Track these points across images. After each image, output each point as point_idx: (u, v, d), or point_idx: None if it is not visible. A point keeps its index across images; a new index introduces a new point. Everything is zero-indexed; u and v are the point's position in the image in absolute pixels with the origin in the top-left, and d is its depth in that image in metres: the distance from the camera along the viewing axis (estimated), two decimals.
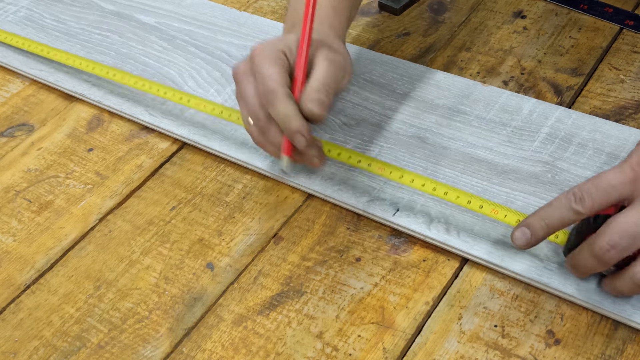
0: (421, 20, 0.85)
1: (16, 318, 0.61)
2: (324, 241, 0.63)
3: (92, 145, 0.74)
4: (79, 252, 0.65)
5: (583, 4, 0.83)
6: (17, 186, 0.71)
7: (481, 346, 0.55)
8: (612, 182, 0.51)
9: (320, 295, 0.60)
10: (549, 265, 0.59)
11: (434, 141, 0.69)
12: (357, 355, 0.56)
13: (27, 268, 0.64)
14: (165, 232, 0.65)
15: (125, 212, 0.67)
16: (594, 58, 0.77)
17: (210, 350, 0.57)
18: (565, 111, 0.70)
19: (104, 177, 0.71)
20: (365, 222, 0.64)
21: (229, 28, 0.84)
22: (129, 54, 0.82)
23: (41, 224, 0.67)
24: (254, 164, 0.69)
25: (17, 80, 0.82)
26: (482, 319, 0.57)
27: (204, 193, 0.68)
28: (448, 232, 0.62)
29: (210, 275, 0.62)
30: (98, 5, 0.89)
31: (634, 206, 0.50)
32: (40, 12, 0.89)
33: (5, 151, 0.74)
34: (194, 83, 0.78)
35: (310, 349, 0.56)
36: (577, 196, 0.52)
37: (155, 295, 0.61)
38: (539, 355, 0.54)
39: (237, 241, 0.64)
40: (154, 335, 0.58)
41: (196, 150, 0.72)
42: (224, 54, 0.81)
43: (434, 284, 0.59)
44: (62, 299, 0.61)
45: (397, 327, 0.57)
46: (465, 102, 0.73)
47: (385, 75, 0.76)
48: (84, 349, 0.58)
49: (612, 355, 0.54)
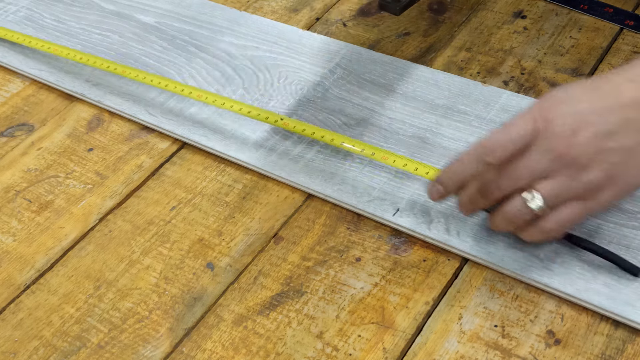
0: (421, 20, 0.85)
1: (16, 318, 0.61)
2: (324, 241, 0.63)
3: (92, 145, 0.74)
4: (79, 252, 0.65)
5: (583, 4, 0.83)
6: (17, 186, 0.71)
7: (481, 346, 0.55)
8: (520, 132, 0.53)
9: (321, 295, 0.60)
10: (549, 265, 0.59)
11: (434, 141, 0.69)
12: (357, 355, 0.56)
13: (27, 268, 0.64)
14: (165, 232, 0.65)
15: (125, 212, 0.67)
16: (594, 58, 0.77)
17: (210, 350, 0.57)
18: None
19: (104, 177, 0.71)
20: (365, 222, 0.64)
21: (229, 28, 0.84)
22: (129, 54, 0.82)
23: (41, 224, 0.67)
24: (254, 164, 0.69)
25: (17, 80, 0.82)
26: (482, 319, 0.57)
27: (204, 193, 0.68)
28: (448, 232, 0.62)
29: (211, 275, 0.62)
30: (98, 5, 0.89)
31: (530, 150, 0.53)
32: (40, 12, 0.89)
33: (5, 151, 0.74)
34: (194, 83, 0.78)
35: (310, 349, 0.56)
36: (488, 148, 0.54)
37: (155, 295, 0.61)
38: (539, 355, 0.54)
39: (237, 241, 0.64)
40: (154, 335, 0.58)
41: (196, 150, 0.72)
42: (224, 54, 0.81)
43: (434, 284, 0.59)
44: (62, 299, 0.61)
45: (397, 327, 0.57)
46: (465, 102, 0.73)
47: (385, 75, 0.76)
48: (84, 349, 0.58)
49: (612, 355, 0.54)
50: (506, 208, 0.55)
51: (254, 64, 0.79)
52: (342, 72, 0.77)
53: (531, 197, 0.54)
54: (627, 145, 0.52)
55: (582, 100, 0.53)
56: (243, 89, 0.77)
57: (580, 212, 0.55)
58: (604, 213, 0.62)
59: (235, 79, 0.78)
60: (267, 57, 0.80)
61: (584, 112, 0.53)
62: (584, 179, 0.53)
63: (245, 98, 0.75)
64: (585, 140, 0.52)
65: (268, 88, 0.76)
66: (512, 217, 0.55)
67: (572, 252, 0.59)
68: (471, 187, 0.56)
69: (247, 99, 0.75)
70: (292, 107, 0.74)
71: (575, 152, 0.52)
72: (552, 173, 0.53)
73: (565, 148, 0.52)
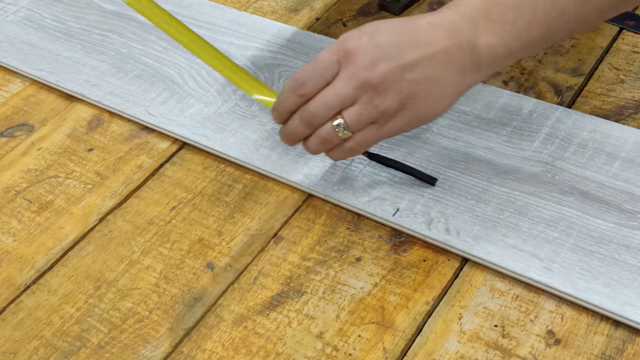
0: None
1: (16, 318, 0.61)
2: (324, 241, 0.63)
3: (92, 145, 0.74)
4: (79, 252, 0.65)
5: None
6: (17, 186, 0.71)
7: (481, 346, 0.55)
8: (324, 63, 0.58)
9: (321, 295, 0.60)
10: (549, 265, 0.59)
11: (434, 141, 0.69)
12: (357, 355, 0.56)
13: (27, 268, 0.64)
14: (165, 232, 0.65)
15: (126, 212, 0.67)
16: (594, 58, 0.77)
17: (210, 350, 0.57)
18: (565, 111, 0.70)
19: (104, 177, 0.71)
20: (365, 222, 0.64)
21: (229, 28, 0.84)
22: (129, 54, 0.82)
23: (41, 224, 0.67)
24: (254, 164, 0.69)
25: (17, 80, 0.82)
26: (482, 319, 0.57)
27: (204, 193, 0.68)
28: (448, 232, 0.62)
29: (211, 275, 0.62)
30: (98, 5, 0.89)
31: (337, 79, 0.58)
32: (41, 12, 0.89)
33: (5, 151, 0.74)
34: (194, 83, 0.78)
35: (310, 349, 0.56)
36: (300, 81, 0.59)
37: (155, 295, 0.61)
38: (539, 355, 0.54)
39: (237, 241, 0.64)
40: (154, 335, 0.58)
41: (196, 150, 0.72)
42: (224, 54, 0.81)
43: (434, 284, 0.59)
44: (62, 299, 0.61)
45: (397, 327, 0.57)
46: (465, 102, 0.73)
47: None
48: (84, 349, 0.58)
49: (612, 355, 0.54)
50: (319, 132, 0.60)
51: (254, 64, 0.79)
52: None
53: (337, 124, 0.59)
54: (418, 78, 0.57)
55: (383, 34, 0.58)
56: None
57: (375, 135, 0.60)
58: (603, 213, 0.62)
59: None
60: (267, 57, 0.80)
61: (384, 45, 0.57)
62: (381, 106, 0.58)
63: (246, 98, 0.75)
64: (383, 70, 0.57)
65: None
66: (323, 141, 0.60)
67: (573, 252, 0.59)
68: (295, 118, 0.60)
69: (247, 99, 0.75)
70: None
71: (373, 81, 0.57)
72: (355, 100, 0.58)
73: (366, 77, 0.57)
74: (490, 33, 0.57)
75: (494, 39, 0.57)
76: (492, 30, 0.57)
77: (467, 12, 0.57)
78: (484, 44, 0.57)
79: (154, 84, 0.78)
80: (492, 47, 0.57)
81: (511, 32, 0.57)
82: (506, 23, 0.57)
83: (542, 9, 0.56)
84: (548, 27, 0.57)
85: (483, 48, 0.57)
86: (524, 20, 0.56)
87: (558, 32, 0.59)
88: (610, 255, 0.59)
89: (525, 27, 0.57)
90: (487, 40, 0.57)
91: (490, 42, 0.57)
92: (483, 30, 0.57)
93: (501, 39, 0.57)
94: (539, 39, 0.58)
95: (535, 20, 0.57)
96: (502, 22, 0.57)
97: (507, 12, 0.56)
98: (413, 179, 0.66)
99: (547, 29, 0.57)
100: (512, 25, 0.56)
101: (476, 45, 0.57)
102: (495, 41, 0.57)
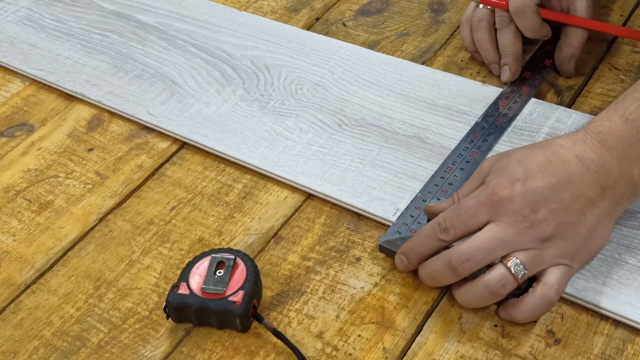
0: (421, 20, 0.85)
1: (16, 318, 0.61)
2: (324, 241, 0.63)
3: (92, 145, 0.74)
4: (79, 252, 0.65)
5: None
6: (17, 186, 0.71)
7: (481, 346, 0.55)
8: (471, 212, 0.55)
9: (320, 295, 0.60)
10: None
11: (434, 141, 0.69)
12: (357, 355, 0.56)
13: (27, 268, 0.64)
14: (165, 232, 0.65)
15: (125, 212, 0.67)
16: (594, 58, 0.77)
17: (210, 350, 0.57)
18: (565, 111, 0.71)
19: (104, 177, 0.71)
20: (365, 222, 0.64)
21: (229, 28, 0.84)
22: (129, 54, 0.82)
23: (41, 223, 0.67)
24: (254, 164, 0.69)
25: (17, 80, 0.82)
26: (482, 318, 0.57)
27: (204, 193, 0.68)
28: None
29: None
30: (98, 5, 0.89)
31: (490, 226, 0.55)
32: (41, 12, 0.89)
33: (5, 151, 0.74)
34: (194, 83, 0.78)
35: (310, 349, 0.56)
36: (442, 227, 0.56)
37: (155, 295, 0.61)
38: (539, 355, 0.55)
39: (237, 241, 0.64)
40: (154, 335, 0.58)
41: (196, 150, 0.72)
42: (224, 54, 0.81)
43: None
44: (62, 299, 0.61)
45: (397, 327, 0.57)
46: (465, 102, 0.73)
47: (385, 75, 0.76)
48: (84, 349, 0.58)
49: (612, 355, 0.54)
50: (487, 277, 0.55)
51: (254, 64, 0.79)
52: (342, 72, 0.77)
53: (514, 264, 0.54)
54: (580, 220, 0.55)
55: (536, 178, 0.55)
56: (243, 88, 0.77)
57: (564, 274, 0.55)
58: None
59: (235, 79, 0.78)
60: (267, 57, 0.80)
61: (539, 191, 0.54)
62: (552, 247, 0.55)
63: (245, 98, 0.75)
64: (545, 215, 0.54)
65: (268, 88, 0.77)
66: (495, 287, 0.54)
67: None
68: (437, 260, 0.56)
69: (247, 99, 0.75)
70: (291, 107, 0.74)
71: (539, 228, 0.54)
72: (516, 246, 0.54)
73: (530, 224, 0.54)
74: None
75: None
76: None
77: (610, 143, 0.55)
78: (638, 173, 0.56)
79: (154, 83, 0.79)
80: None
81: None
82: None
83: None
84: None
85: (637, 176, 0.56)
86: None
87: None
88: (610, 255, 0.59)
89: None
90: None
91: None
92: (634, 158, 0.55)
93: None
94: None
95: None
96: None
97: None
98: (413, 179, 0.66)
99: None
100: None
101: (632, 176, 0.56)
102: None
